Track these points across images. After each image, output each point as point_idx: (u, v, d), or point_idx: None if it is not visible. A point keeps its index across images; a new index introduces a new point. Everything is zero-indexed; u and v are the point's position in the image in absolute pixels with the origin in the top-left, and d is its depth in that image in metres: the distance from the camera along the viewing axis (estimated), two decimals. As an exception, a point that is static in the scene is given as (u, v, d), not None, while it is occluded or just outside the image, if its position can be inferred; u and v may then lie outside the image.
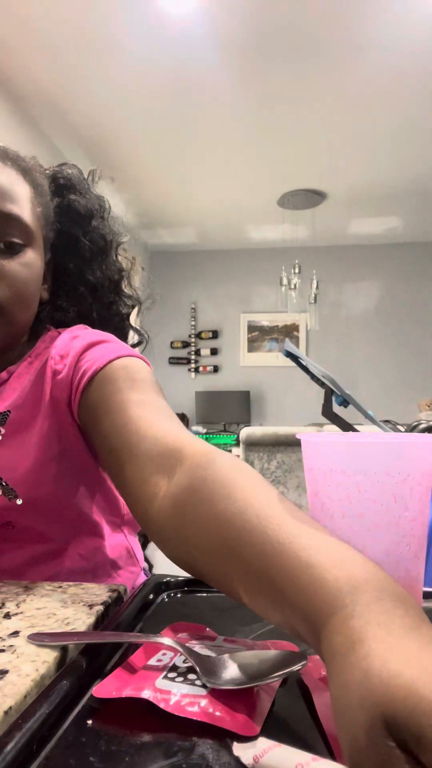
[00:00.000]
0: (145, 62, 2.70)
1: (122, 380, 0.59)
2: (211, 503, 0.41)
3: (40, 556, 0.64)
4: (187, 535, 0.42)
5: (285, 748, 0.27)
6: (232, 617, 0.52)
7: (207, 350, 5.51)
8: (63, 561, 0.65)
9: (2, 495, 0.61)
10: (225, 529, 0.39)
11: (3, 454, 0.62)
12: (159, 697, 0.33)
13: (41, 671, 0.36)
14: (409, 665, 0.25)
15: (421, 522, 0.43)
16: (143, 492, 0.49)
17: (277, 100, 3.01)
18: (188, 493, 0.44)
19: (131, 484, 0.51)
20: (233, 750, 0.29)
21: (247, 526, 0.37)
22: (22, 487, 0.61)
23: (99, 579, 0.67)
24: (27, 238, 0.64)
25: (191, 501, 0.43)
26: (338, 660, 0.28)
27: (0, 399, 0.64)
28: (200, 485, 0.43)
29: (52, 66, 2.73)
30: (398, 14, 2.36)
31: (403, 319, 5.26)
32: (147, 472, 0.49)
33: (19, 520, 0.62)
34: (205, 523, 0.41)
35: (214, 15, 2.39)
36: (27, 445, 0.62)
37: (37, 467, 0.62)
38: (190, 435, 0.52)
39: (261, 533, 0.36)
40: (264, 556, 0.35)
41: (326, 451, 0.44)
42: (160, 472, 0.48)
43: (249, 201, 4.36)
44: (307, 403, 4.95)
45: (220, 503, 0.40)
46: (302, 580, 0.32)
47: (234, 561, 0.38)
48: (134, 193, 4.25)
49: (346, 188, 4.08)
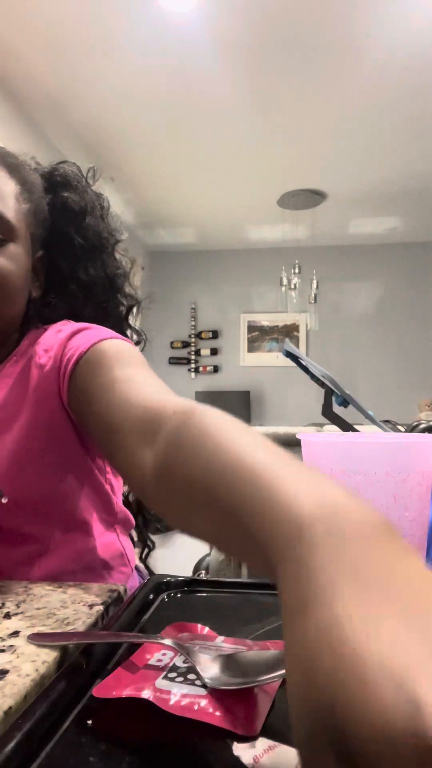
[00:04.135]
0: (145, 62, 2.70)
1: (107, 359, 0.58)
2: (192, 461, 0.37)
3: (28, 558, 0.63)
4: (176, 499, 0.40)
5: (285, 748, 0.27)
6: (232, 617, 0.52)
7: (207, 350, 5.51)
8: (52, 562, 0.64)
9: None
10: (206, 482, 0.35)
11: None
12: (159, 697, 0.33)
13: (41, 671, 0.36)
14: (377, 641, 0.18)
15: (421, 522, 0.43)
16: (133, 466, 0.47)
17: (277, 100, 3.01)
18: (167, 457, 0.42)
19: (122, 461, 0.49)
20: (233, 750, 0.29)
21: (226, 471, 0.33)
22: (7, 485, 0.60)
23: (90, 580, 0.65)
24: (9, 233, 0.63)
25: (172, 465, 0.40)
26: (286, 623, 0.22)
27: None
28: (176, 448, 0.41)
29: (52, 66, 2.73)
30: (398, 14, 2.36)
31: (403, 319, 5.26)
32: (133, 445, 0.47)
33: (5, 520, 0.61)
34: (188, 483, 0.38)
35: (214, 15, 2.39)
36: (8, 443, 0.61)
37: (21, 463, 0.61)
38: (172, 396, 0.50)
39: (233, 472, 0.32)
40: (234, 488, 0.31)
41: (326, 451, 0.44)
42: (145, 441, 0.46)
43: (249, 201, 4.36)
44: (307, 403, 4.95)
45: (200, 459, 0.37)
46: (263, 506, 0.28)
47: (214, 507, 0.34)
48: (134, 193, 4.25)
49: (346, 188, 4.08)
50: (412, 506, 0.42)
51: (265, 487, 0.29)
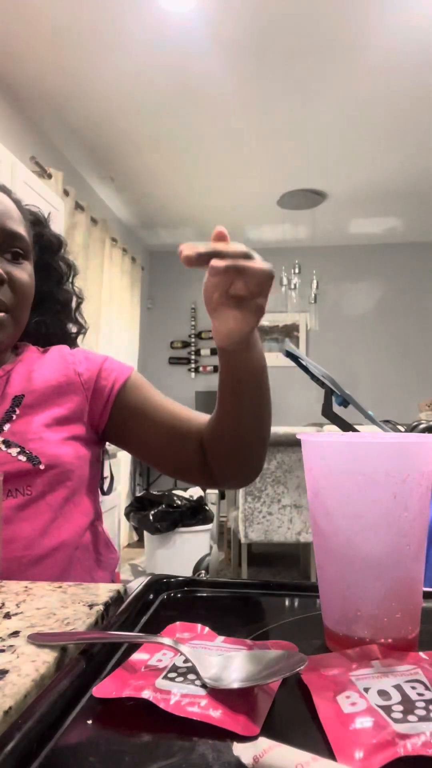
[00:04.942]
0: (145, 62, 2.70)
1: (146, 386, 0.85)
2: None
3: (45, 527, 0.72)
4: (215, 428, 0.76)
5: (285, 748, 0.27)
6: (232, 617, 0.52)
7: (207, 350, 5.51)
8: (62, 533, 0.73)
9: (27, 462, 0.72)
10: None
11: (22, 429, 0.74)
12: (159, 697, 0.33)
13: (41, 671, 0.36)
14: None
15: (421, 522, 0.43)
16: (193, 438, 0.80)
17: (276, 100, 3.01)
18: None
19: (187, 437, 0.80)
20: (233, 750, 0.29)
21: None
22: (44, 456, 0.73)
23: (88, 558, 0.77)
24: (26, 253, 0.80)
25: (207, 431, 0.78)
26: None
27: (11, 387, 0.78)
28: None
29: (52, 66, 2.73)
30: (398, 14, 2.37)
31: (403, 319, 5.25)
32: (194, 430, 0.80)
33: (37, 487, 0.72)
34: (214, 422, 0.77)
35: (215, 15, 2.39)
36: (44, 421, 0.76)
37: (54, 440, 0.75)
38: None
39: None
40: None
41: (326, 451, 0.44)
42: (195, 429, 0.80)
43: (249, 201, 4.36)
44: (307, 403, 4.95)
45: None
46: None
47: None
48: (134, 193, 4.25)
49: (346, 188, 4.08)
50: (412, 506, 0.42)
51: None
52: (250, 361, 0.68)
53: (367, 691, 0.34)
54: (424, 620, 0.45)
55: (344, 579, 0.43)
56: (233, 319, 0.60)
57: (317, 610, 0.50)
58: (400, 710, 0.32)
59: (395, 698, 0.33)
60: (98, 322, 3.90)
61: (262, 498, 2.92)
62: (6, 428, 0.74)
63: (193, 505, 3.02)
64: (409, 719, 0.31)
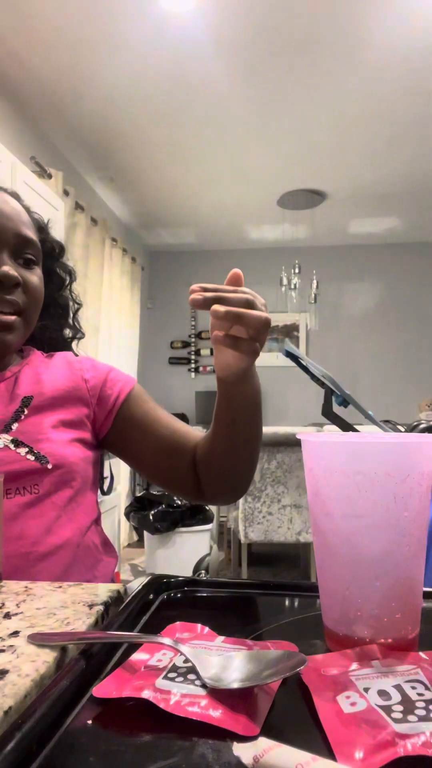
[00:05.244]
0: (145, 62, 2.70)
1: (147, 398, 0.89)
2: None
3: (49, 525, 0.74)
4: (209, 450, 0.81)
5: (285, 748, 0.27)
6: (232, 617, 0.52)
7: (207, 350, 5.51)
8: (65, 531, 0.75)
9: (35, 461, 0.74)
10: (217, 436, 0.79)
11: (30, 428, 0.77)
12: (159, 697, 0.33)
13: (41, 671, 0.36)
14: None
15: (421, 522, 0.43)
16: (187, 453, 0.85)
17: (277, 100, 3.01)
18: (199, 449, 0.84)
19: (182, 452, 0.84)
20: (233, 750, 0.29)
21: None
22: (51, 456, 0.75)
23: (89, 556, 0.79)
24: (37, 258, 0.83)
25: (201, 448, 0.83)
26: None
27: (20, 388, 0.81)
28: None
29: (52, 66, 2.73)
30: (398, 14, 2.36)
31: (403, 319, 5.25)
32: (189, 446, 0.85)
33: (44, 486, 0.75)
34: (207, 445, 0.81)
35: (215, 15, 2.39)
36: (51, 423, 0.79)
37: (60, 440, 0.78)
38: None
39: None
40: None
41: (326, 451, 0.44)
42: (190, 445, 0.86)
43: (249, 201, 4.36)
44: (307, 403, 4.95)
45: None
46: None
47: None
48: (134, 193, 4.25)
49: (346, 188, 4.08)
50: (412, 506, 0.42)
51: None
52: (246, 393, 0.74)
53: (367, 691, 0.34)
54: (424, 620, 0.45)
55: (344, 579, 0.43)
56: (231, 356, 0.66)
57: (317, 610, 0.50)
58: (400, 710, 0.32)
59: (395, 698, 0.33)
60: (98, 322, 3.89)
61: (262, 498, 2.92)
62: (15, 427, 0.77)
63: (193, 505, 3.02)
64: (409, 719, 0.31)
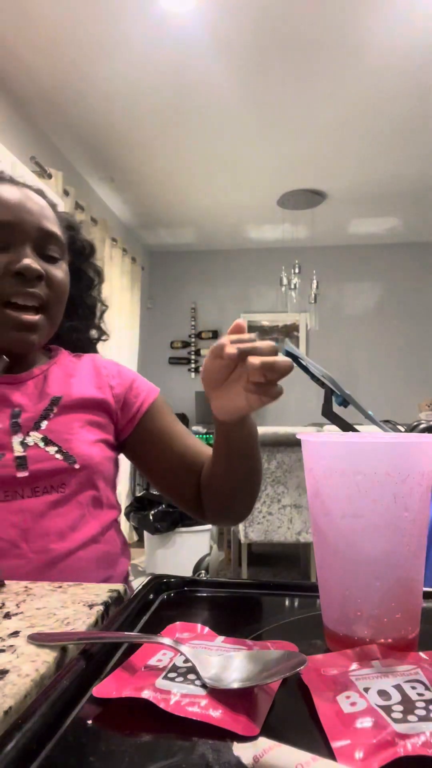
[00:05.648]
0: (145, 62, 2.70)
1: (168, 410, 0.90)
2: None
3: (74, 523, 0.75)
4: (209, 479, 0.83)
5: (285, 748, 0.27)
6: (232, 617, 0.52)
7: (207, 350, 5.50)
8: (89, 529, 0.76)
9: (63, 460, 0.75)
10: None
11: (59, 427, 0.78)
12: (159, 697, 0.33)
13: (41, 671, 0.36)
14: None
15: (421, 522, 0.43)
16: (196, 472, 0.85)
17: (277, 100, 3.01)
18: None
19: (192, 470, 0.85)
20: (233, 750, 0.29)
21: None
22: (78, 456, 0.77)
23: (109, 553, 0.79)
24: (62, 253, 0.82)
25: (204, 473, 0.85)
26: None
27: (49, 387, 0.81)
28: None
29: (52, 66, 2.73)
30: (398, 14, 2.36)
31: (403, 319, 5.25)
32: (199, 465, 0.86)
33: (71, 485, 0.76)
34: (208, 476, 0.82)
35: (215, 15, 2.39)
36: (78, 424, 0.80)
37: (87, 440, 0.79)
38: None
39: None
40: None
41: (326, 451, 0.44)
42: (200, 464, 0.86)
43: (249, 201, 4.36)
44: (307, 403, 4.95)
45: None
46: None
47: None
48: (134, 193, 4.25)
49: (346, 188, 4.08)
50: (412, 506, 0.42)
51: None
52: (244, 434, 0.74)
53: (367, 691, 0.34)
54: (424, 620, 0.45)
55: (344, 579, 0.43)
56: (245, 398, 0.62)
57: (317, 610, 0.50)
58: (400, 710, 0.32)
59: (395, 698, 0.33)
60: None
61: (262, 498, 2.92)
62: (44, 425, 0.77)
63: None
64: (409, 719, 0.31)
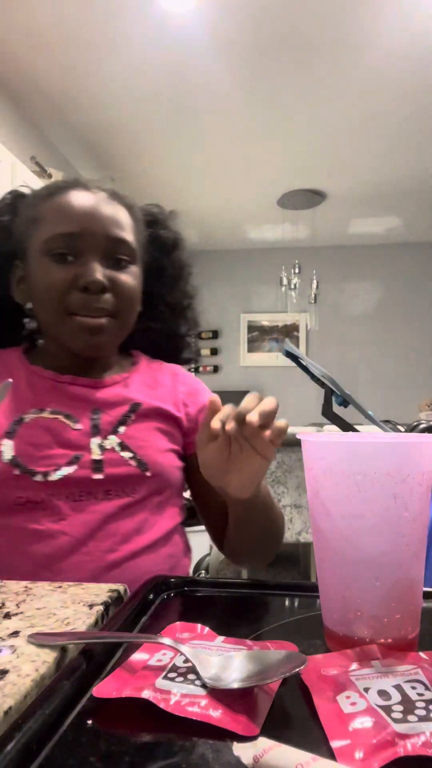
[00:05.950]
0: (145, 62, 2.70)
1: None
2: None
3: (140, 525, 0.76)
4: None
5: (285, 748, 0.27)
6: (232, 617, 0.52)
7: (207, 350, 5.50)
8: (154, 532, 0.77)
9: (137, 467, 0.76)
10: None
11: (135, 434, 0.78)
12: (159, 697, 0.33)
13: (41, 671, 0.36)
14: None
15: (421, 522, 0.43)
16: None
17: (276, 100, 3.01)
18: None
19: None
20: (233, 750, 0.29)
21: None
22: (151, 464, 0.77)
23: (172, 554, 0.80)
24: (132, 256, 0.81)
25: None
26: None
27: (129, 393, 0.82)
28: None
29: (52, 66, 2.73)
30: (398, 14, 2.36)
31: (403, 319, 5.25)
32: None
33: (141, 491, 0.77)
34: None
35: (215, 15, 2.39)
36: (153, 432, 0.81)
37: (160, 449, 0.80)
38: None
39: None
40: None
41: (326, 451, 0.44)
42: None
43: (249, 201, 4.36)
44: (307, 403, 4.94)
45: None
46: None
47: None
48: (134, 193, 4.23)
49: (346, 188, 4.08)
50: (412, 506, 0.42)
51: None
52: (263, 492, 0.73)
53: (367, 691, 0.34)
54: (424, 620, 0.45)
55: (344, 579, 0.43)
56: (259, 465, 0.61)
57: (317, 610, 0.50)
58: (400, 710, 0.32)
59: (395, 698, 0.33)
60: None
61: (262, 498, 2.92)
62: (122, 431, 0.78)
63: (193, 505, 3.02)
64: (409, 719, 0.31)
